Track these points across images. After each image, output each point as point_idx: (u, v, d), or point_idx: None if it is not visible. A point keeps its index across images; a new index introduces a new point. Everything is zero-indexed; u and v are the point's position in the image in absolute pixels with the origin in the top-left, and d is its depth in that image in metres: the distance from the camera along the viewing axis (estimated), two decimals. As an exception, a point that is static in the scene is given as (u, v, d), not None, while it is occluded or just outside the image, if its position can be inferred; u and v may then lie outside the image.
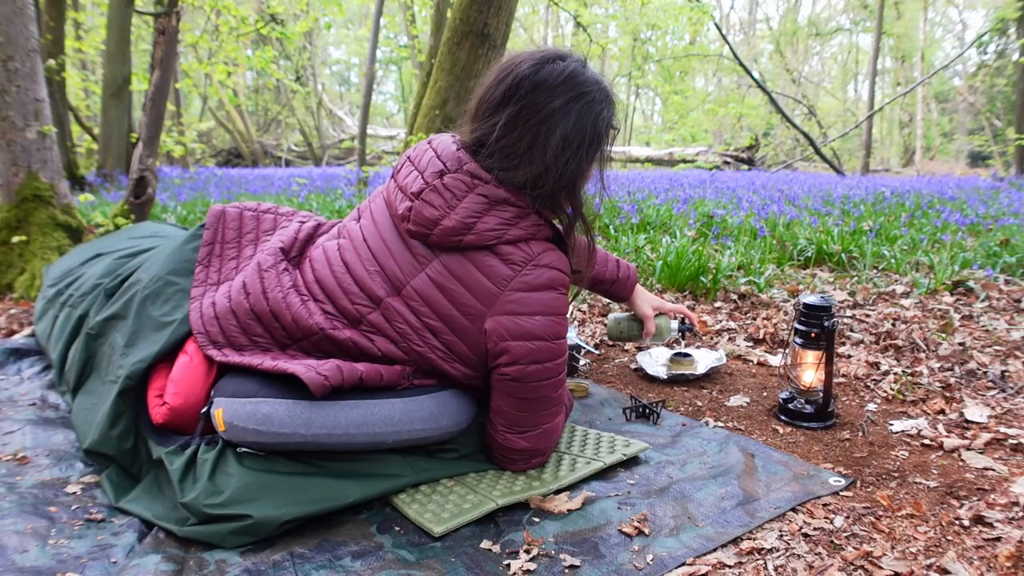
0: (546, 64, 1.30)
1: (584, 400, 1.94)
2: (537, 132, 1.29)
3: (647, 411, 1.81)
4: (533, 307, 1.30)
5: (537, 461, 1.44)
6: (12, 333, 2.48)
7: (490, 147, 1.32)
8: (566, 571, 1.15)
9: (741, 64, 13.10)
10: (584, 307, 2.94)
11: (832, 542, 1.23)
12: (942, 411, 1.84)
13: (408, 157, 1.44)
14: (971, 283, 3.19)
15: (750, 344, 2.50)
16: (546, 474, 1.44)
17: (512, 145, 1.30)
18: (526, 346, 1.31)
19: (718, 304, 3.02)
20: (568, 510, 1.32)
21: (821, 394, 1.77)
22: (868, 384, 2.07)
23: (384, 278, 1.37)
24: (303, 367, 1.31)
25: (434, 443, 1.43)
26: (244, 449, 1.31)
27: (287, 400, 1.29)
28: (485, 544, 1.22)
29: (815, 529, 1.27)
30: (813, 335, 1.75)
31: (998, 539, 1.22)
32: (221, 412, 1.30)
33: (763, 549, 1.21)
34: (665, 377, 2.11)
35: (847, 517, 1.31)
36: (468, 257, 1.32)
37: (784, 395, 1.86)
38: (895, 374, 2.12)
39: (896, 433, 1.72)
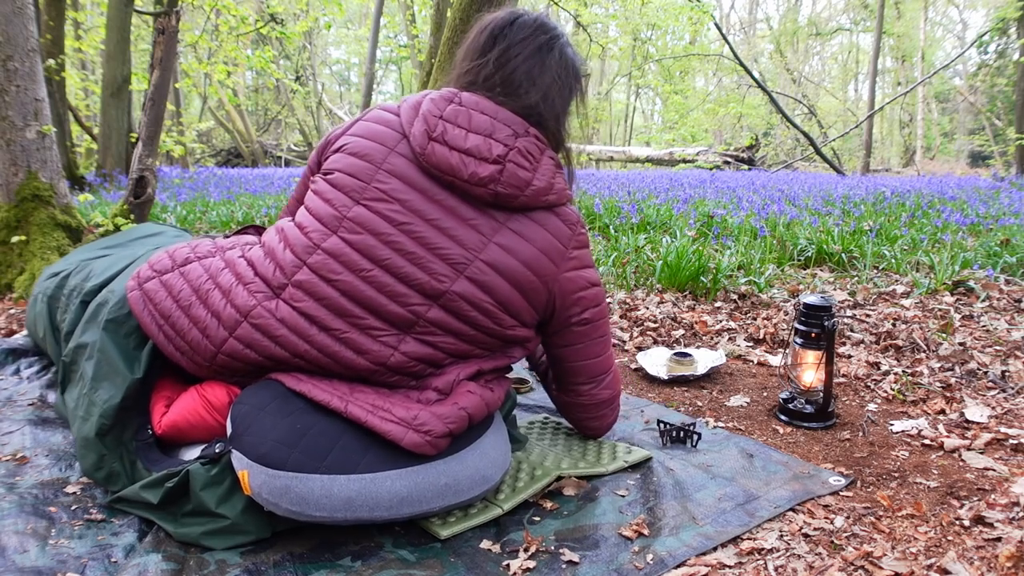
0: (521, 15, 1.41)
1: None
2: (530, 64, 1.36)
3: (683, 434, 1.66)
4: (586, 260, 1.41)
5: (617, 411, 1.61)
6: (12, 333, 2.48)
7: (488, 82, 1.36)
8: (565, 568, 1.15)
9: (741, 64, 13.10)
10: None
11: (832, 542, 1.23)
12: (942, 411, 1.84)
13: (439, 117, 1.29)
14: (971, 283, 3.19)
15: (750, 344, 2.50)
16: (548, 465, 1.44)
17: (508, 76, 1.35)
18: (591, 292, 1.42)
19: (718, 304, 3.01)
20: (568, 510, 1.32)
21: (821, 394, 1.77)
22: (868, 384, 2.07)
23: (445, 264, 1.26)
24: (395, 425, 1.20)
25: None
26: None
27: (321, 476, 1.16)
28: (485, 544, 1.22)
29: (815, 529, 1.27)
30: (813, 335, 1.75)
31: (998, 539, 1.22)
32: (247, 476, 1.18)
33: (763, 549, 1.21)
34: (665, 377, 2.11)
35: (847, 517, 1.31)
36: (534, 219, 1.33)
37: (784, 395, 1.85)
38: (895, 374, 2.12)
39: (896, 433, 1.72)
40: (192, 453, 1.35)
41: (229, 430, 1.24)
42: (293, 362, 1.28)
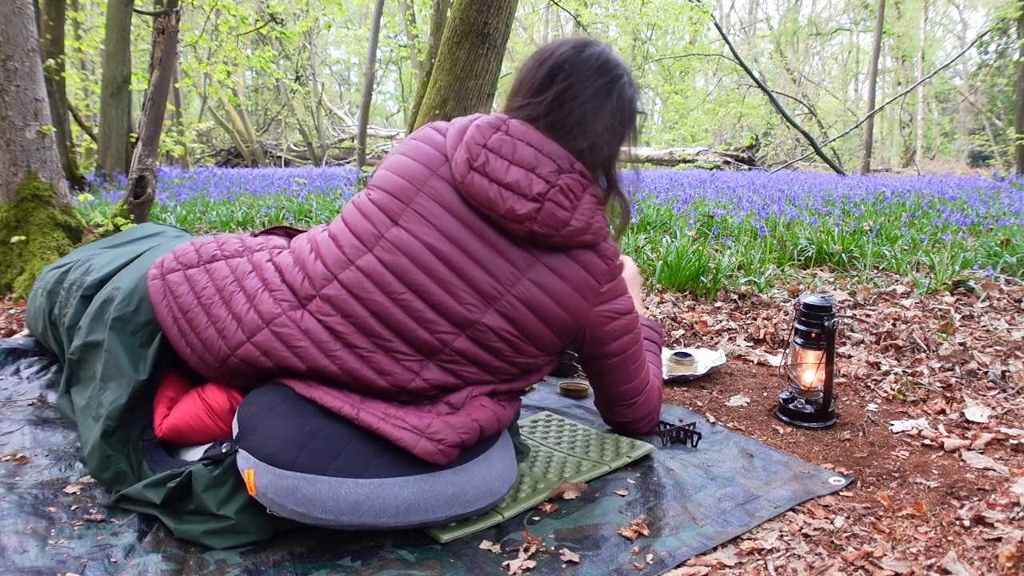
0: (584, 48, 1.35)
1: (585, 400, 1.94)
2: (585, 109, 1.31)
3: (683, 434, 1.67)
4: (619, 291, 1.40)
5: (654, 416, 1.63)
6: (11, 333, 2.48)
7: (540, 123, 1.31)
8: (565, 568, 1.15)
9: (741, 64, 13.10)
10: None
11: (832, 542, 1.23)
12: (943, 411, 1.84)
13: (482, 145, 1.27)
14: (972, 283, 3.19)
15: (750, 344, 2.50)
16: (551, 478, 1.44)
17: (561, 120, 1.31)
18: (621, 321, 1.40)
19: (718, 304, 3.01)
20: (568, 510, 1.32)
21: (821, 394, 1.77)
22: (868, 384, 2.07)
23: (476, 295, 1.25)
24: (408, 432, 1.19)
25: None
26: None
27: (328, 479, 1.15)
28: (485, 544, 1.22)
29: (815, 529, 1.27)
30: (813, 335, 1.75)
31: (999, 539, 1.22)
32: (253, 475, 1.17)
33: (763, 549, 1.21)
34: (665, 377, 2.11)
35: (847, 517, 1.31)
36: (572, 256, 1.31)
37: (784, 395, 1.85)
38: (895, 374, 2.12)
39: (896, 433, 1.72)
40: (195, 453, 1.35)
41: (235, 430, 1.23)
42: (308, 375, 1.26)
